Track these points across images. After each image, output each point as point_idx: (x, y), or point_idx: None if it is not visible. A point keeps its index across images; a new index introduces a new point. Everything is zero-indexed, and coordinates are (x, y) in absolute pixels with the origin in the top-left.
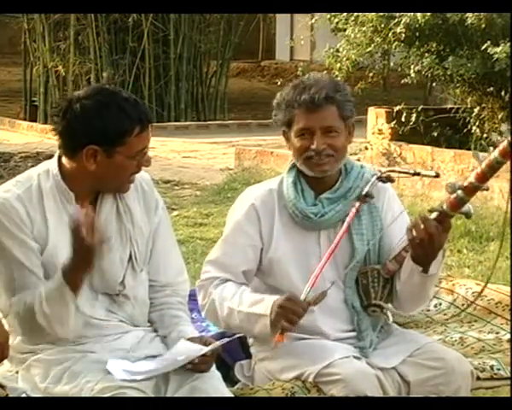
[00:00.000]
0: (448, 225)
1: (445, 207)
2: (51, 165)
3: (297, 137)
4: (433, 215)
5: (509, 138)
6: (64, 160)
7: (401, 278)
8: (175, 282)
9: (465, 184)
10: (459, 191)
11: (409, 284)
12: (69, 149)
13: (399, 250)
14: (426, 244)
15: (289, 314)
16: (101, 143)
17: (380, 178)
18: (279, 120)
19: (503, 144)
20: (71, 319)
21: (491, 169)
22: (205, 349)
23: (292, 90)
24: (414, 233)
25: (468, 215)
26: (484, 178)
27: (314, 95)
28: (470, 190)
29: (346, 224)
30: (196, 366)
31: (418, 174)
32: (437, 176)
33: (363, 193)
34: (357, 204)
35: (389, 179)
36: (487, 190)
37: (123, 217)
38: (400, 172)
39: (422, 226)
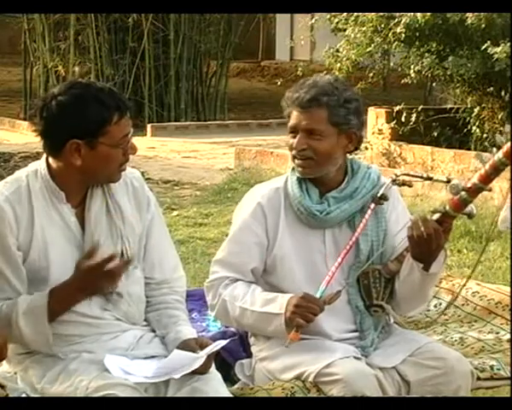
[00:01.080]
0: (449, 226)
1: (447, 207)
2: (40, 165)
3: (289, 134)
4: (436, 216)
5: None
6: (50, 159)
7: (401, 276)
8: (171, 278)
9: (469, 185)
10: (462, 192)
11: (408, 281)
12: (52, 147)
13: (401, 251)
14: (423, 243)
15: (305, 312)
16: (82, 136)
17: (395, 182)
18: (285, 115)
19: (507, 145)
20: (48, 338)
21: (495, 170)
22: (199, 362)
23: (294, 88)
24: (413, 231)
25: (470, 216)
26: (487, 179)
27: (302, 94)
28: (474, 191)
29: (361, 225)
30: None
31: (430, 179)
32: (448, 181)
33: (378, 195)
34: (373, 206)
35: (405, 184)
36: (490, 190)
37: (113, 214)
38: (414, 176)
39: (421, 226)
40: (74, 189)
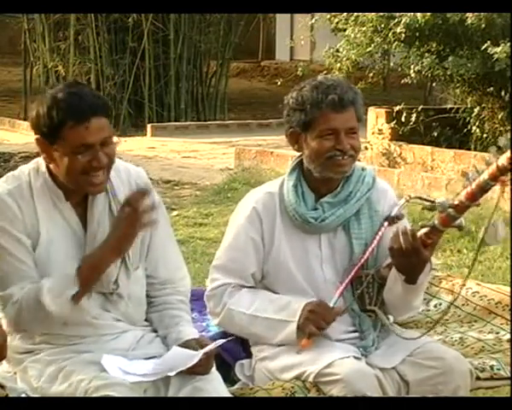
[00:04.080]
0: (436, 240)
1: (436, 222)
2: (40, 163)
3: (319, 137)
4: (424, 230)
5: (498, 162)
6: None
7: (387, 284)
8: (175, 278)
9: (456, 202)
10: (450, 210)
11: (392, 290)
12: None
13: None
14: (402, 256)
15: (319, 320)
16: (41, 134)
17: (408, 202)
18: (295, 121)
19: (493, 168)
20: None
21: (482, 190)
22: (197, 358)
23: (315, 90)
24: (393, 244)
25: (460, 228)
26: (474, 198)
27: (343, 95)
28: (461, 209)
29: (375, 242)
30: (193, 369)
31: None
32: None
33: (392, 215)
34: (386, 224)
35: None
36: (478, 205)
37: (115, 215)
38: (426, 200)
39: (400, 239)
40: (70, 188)
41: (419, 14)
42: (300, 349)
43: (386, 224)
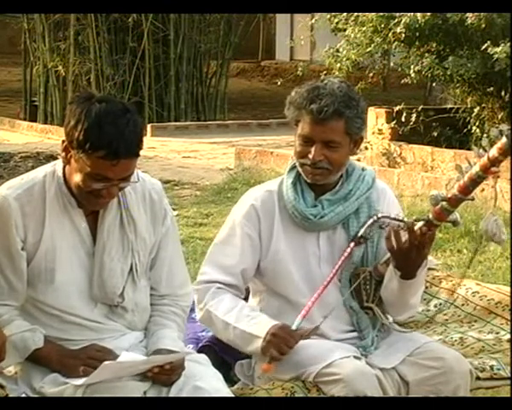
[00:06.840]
0: (432, 235)
1: (430, 216)
2: (58, 166)
3: (299, 140)
4: (419, 225)
5: (489, 154)
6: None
7: (384, 281)
8: (176, 293)
9: (449, 195)
10: (443, 203)
11: (389, 288)
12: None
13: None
14: (401, 251)
15: (281, 344)
16: (68, 142)
17: (377, 222)
18: (288, 116)
19: (484, 159)
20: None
21: (474, 182)
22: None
23: (306, 93)
24: (392, 242)
25: (455, 224)
26: (466, 190)
27: (322, 108)
28: (454, 202)
29: (339, 264)
30: (156, 376)
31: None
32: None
33: (359, 235)
34: (352, 245)
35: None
36: (473, 200)
37: (126, 228)
38: (394, 219)
39: (400, 234)
40: None
41: (419, 14)
42: (262, 374)
43: (352, 244)
